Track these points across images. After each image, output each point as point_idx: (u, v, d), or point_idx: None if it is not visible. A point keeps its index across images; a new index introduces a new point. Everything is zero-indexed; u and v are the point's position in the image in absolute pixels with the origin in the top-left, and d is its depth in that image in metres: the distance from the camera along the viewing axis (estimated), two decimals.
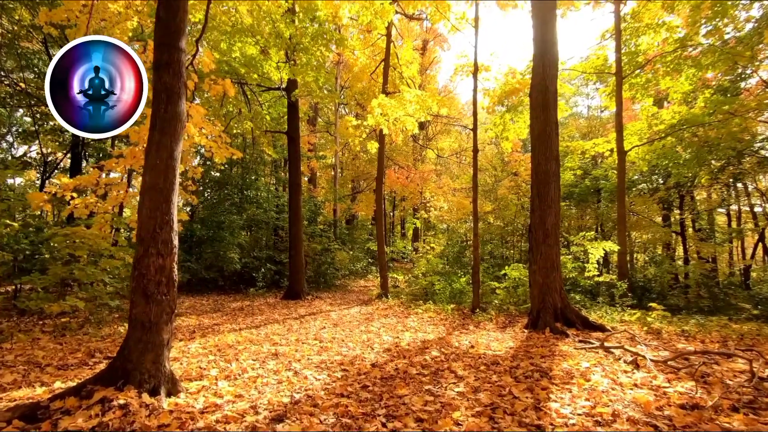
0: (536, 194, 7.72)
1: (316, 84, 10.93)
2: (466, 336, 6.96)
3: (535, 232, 7.69)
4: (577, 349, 5.62)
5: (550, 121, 7.72)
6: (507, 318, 8.62)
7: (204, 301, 10.84)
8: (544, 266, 7.47)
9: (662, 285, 10.48)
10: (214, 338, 6.14)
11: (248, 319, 8.25)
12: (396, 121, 10.11)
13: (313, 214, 17.05)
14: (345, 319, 8.53)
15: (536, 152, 7.80)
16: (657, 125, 11.54)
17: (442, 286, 11.29)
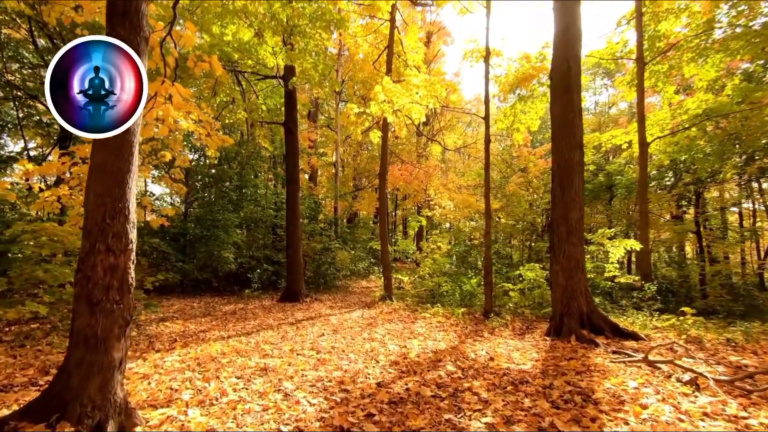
0: (558, 186, 6.96)
1: (316, 71, 10.18)
2: (481, 344, 6.21)
3: (557, 228, 6.93)
4: (613, 362, 4.86)
5: (573, 105, 6.95)
6: (524, 323, 7.86)
7: (195, 304, 10.10)
8: (568, 266, 6.71)
9: (688, 287, 9.71)
10: (197, 348, 5.40)
11: (239, 325, 7.50)
12: (401, 111, 9.37)
13: (313, 212, 16.28)
14: (346, 325, 7.78)
15: (558, 140, 7.04)
16: (681, 115, 10.76)
17: (450, 288, 10.53)
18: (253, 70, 10.72)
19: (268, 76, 11.10)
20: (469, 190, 18.80)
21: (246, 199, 14.60)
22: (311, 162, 22.07)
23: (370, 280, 18.72)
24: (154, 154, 7.21)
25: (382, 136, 9.24)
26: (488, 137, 8.84)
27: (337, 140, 19.72)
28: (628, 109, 21.69)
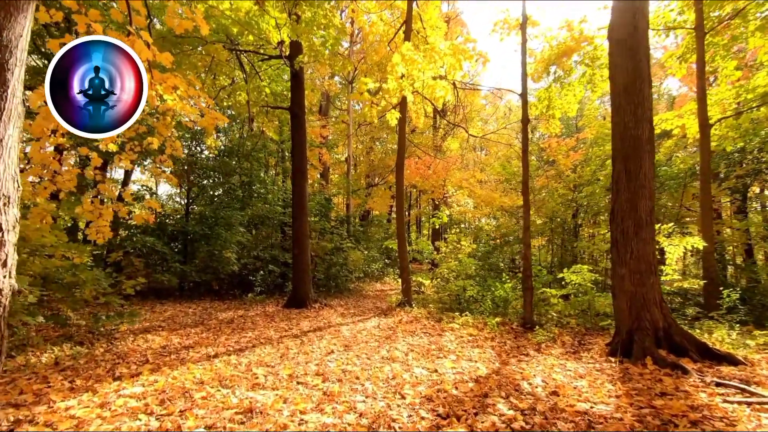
0: (622, 169, 5.62)
1: (324, 46, 9.01)
2: (529, 366, 4.93)
3: (621, 222, 5.58)
4: (728, 401, 3.52)
5: (640, 70, 5.60)
6: (573, 337, 6.53)
7: (191, 310, 9.00)
8: (637, 269, 5.36)
9: (762, 294, 8.22)
10: (169, 374, 4.22)
11: (234, 338, 6.34)
12: (421, 90, 8.11)
13: (323, 209, 15.10)
14: (360, 338, 6.55)
15: (621, 112, 5.69)
16: (747, 93, 9.26)
17: (476, 292, 9.19)
18: (255, 49, 9.59)
19: (272, 56, 9.96)
20: (490, 185, 17.41)
21: (253, 196, 13.50)
22: (323, 158, 20.98)
23: (384, 282, 17.48)
24: (138, 140, 6.09)
25: (399, 118, 7.98)
26: (526, 116, 7.53)
27: (349, 134, 18.53)
28: (665, 90, 20.10)
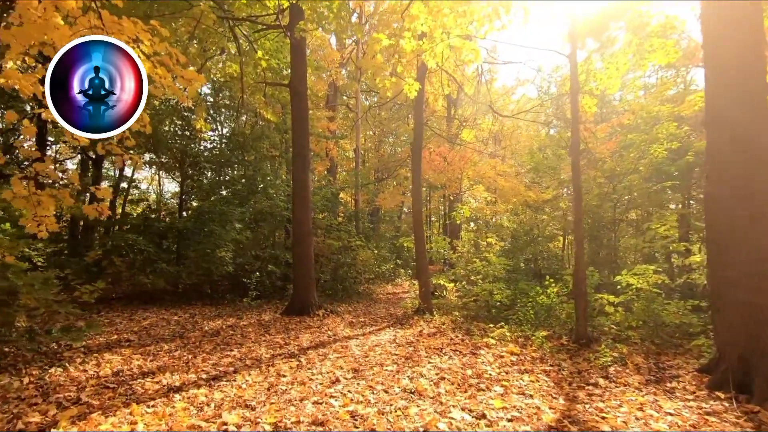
0: (729, 141, 4.17)
1: (330, 10, 7.69)
2: (606, 404, 3.58)
3: (725, 209, 4.14)
4: None
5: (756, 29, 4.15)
6: (646, 358, 5.10)
7: (174, 318, 7.72)
8: (756, 271, 3.92)
9: None
10: (99, 424, 2.90)
11: (213, 357, 5.02)
12: (442, 62, 6.74)
13: (330, 204, 13.75)
14: (373, 358, 5.20)
15: (727, 78, 4.24)
16: None
17: (505, 297, 7.76)
18: (248, 16, 8.28)
19: (269, 26, 8.64)
20: (512, 178, 15.93)
21: (257, 192, 12.20)
22: (330, 153, 19.70)
23: (396, 284, 16.10)
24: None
25: (419, 92, 6.60)
26: (576, 84, 6.12)
27: (357, 123, 17.19)
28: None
